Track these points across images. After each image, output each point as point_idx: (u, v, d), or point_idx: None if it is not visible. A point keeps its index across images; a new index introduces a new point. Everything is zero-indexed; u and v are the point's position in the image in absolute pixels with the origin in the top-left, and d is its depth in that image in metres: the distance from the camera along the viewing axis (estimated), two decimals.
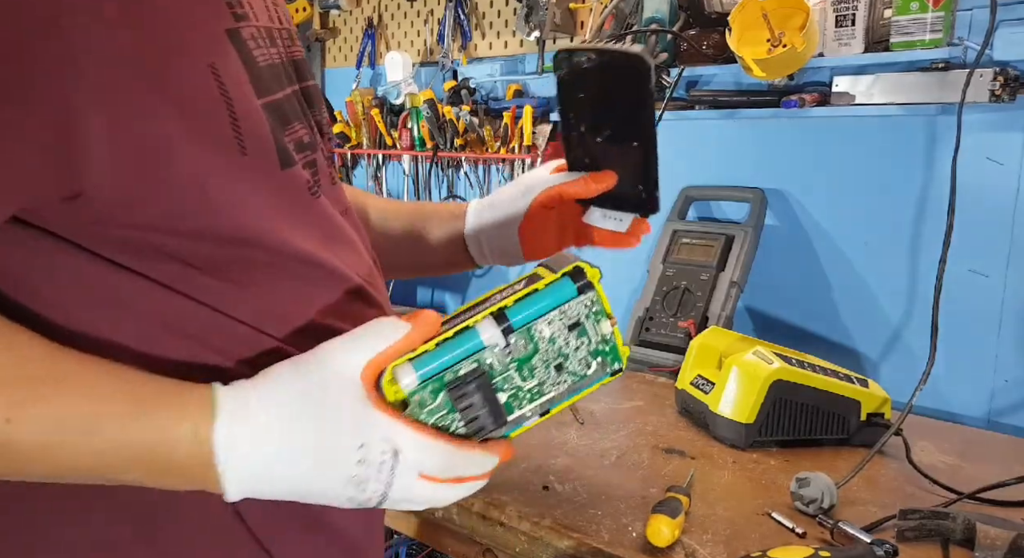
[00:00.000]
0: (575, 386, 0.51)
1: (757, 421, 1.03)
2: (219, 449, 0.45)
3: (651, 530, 0.79)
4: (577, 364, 0.50)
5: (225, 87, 0.46)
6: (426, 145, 1.79)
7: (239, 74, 0.48)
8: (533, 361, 0.49)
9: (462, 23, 1.77)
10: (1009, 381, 1.20)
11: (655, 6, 1.30)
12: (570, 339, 0.50)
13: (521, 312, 0.48)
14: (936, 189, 1.23)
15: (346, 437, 0.46)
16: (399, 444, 0.46)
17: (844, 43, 1.18)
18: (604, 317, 0.50)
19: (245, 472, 0.46)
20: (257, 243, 0.49)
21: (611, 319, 0.51)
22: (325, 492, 0.47)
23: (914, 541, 0.81)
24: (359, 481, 0.46)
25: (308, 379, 0.46)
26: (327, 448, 0.46)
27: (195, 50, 0.45)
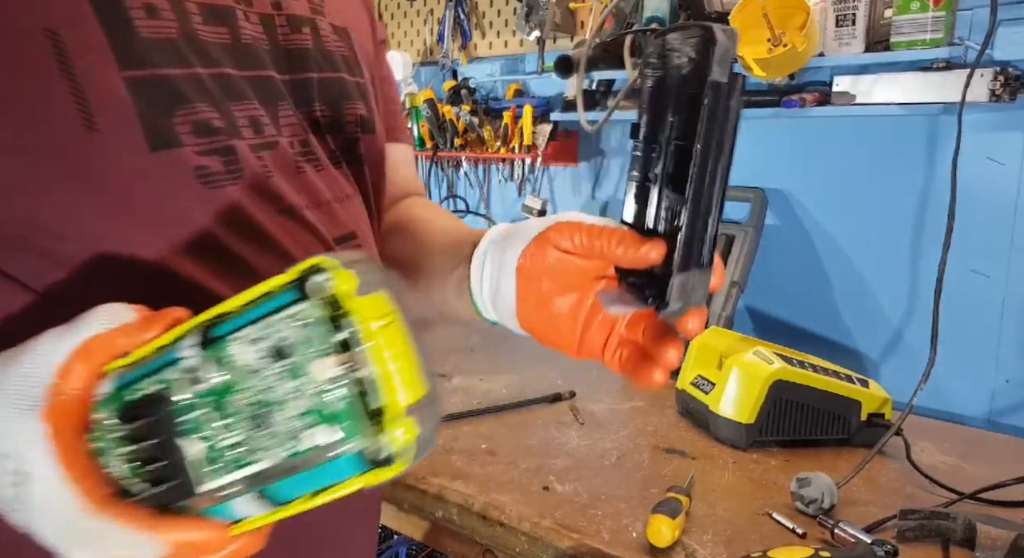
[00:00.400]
0: (297, 463, 0.32)
1: (757, 421, 1.03)
2: None
3: (651, 530, 0.79)
4: (293, 422, 0.32)
5: (67, 56, 0.42)
6: (426, 145, 1.79)
7: (96, 42, 0.43)
8: (231, 400, 0.32)
9: (462, 23, 1.77)
10: (1010, 381, 1.20)
11: (655, 5, 1.30)
12: (281, 376, 0.32)
13: (233, 321, 0.33)
14: (937, 189, 1.23)
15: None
16: (33, 470, 0.34)
17: (845, 43, 1.17)
18: (328, 351, 0.31)
19: None
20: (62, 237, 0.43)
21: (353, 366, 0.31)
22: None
23: (914, 541, 0.81)
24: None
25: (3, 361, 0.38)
26: None
27: (28, 17, 0.42)
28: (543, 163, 1.62)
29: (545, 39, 1.53)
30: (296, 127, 0.54)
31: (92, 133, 0.43)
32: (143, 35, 0.45)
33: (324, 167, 0.56)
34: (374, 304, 0.30)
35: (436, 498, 0.94)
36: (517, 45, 1.71)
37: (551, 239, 0.51)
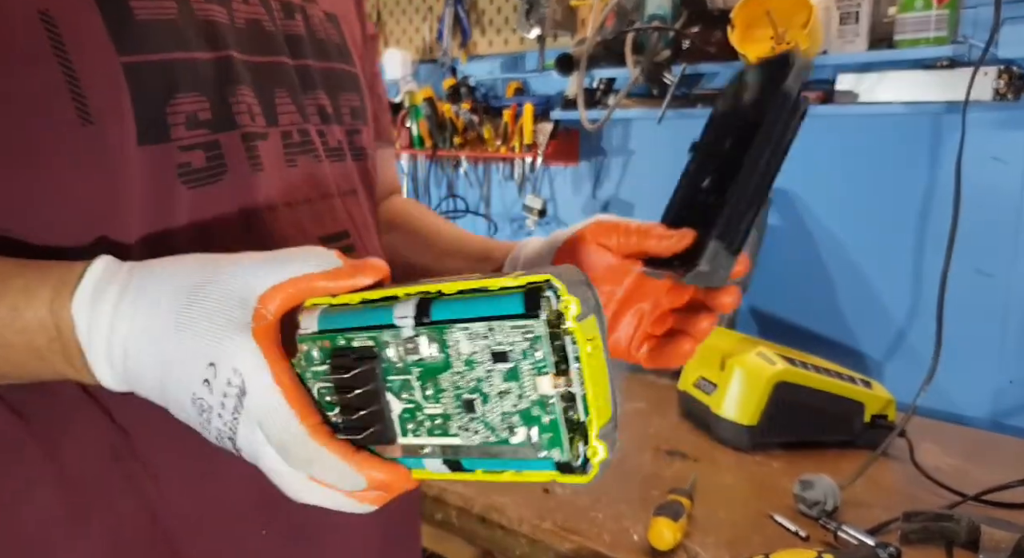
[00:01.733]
0: (491, 450, 0.35)
1: (760, 423, 1.02)
2: (78, 329, 0.37)
3: (653, 533, 0.79)
4: (497, 417, 0.34)
5: (62, 40, 0.40)
6: (425, 143, 1.78)
7: (92, 26, 0.41)
8: (440, 378, 0.35)
9: (462, 20, 1.76)
10: (1014, 382, 1.19)
11: (657, 3, 1.29)
12: (494, 373, 0.34)
13: (451, 307, 0.34)
14: (940, 188, 1.22)
15: (202, 345, 0.36)
16: (248, 383, 0.35)
17: (848, 41, 1.17)
18: (548, 369, 0.32)
19: (105, 361, 0.38)
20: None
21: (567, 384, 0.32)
22: (180, 403, 0.37)
23: (918, 544, 0.81)
24: (202, 408, 0.37)
25: (201, 274, 0.37)
26: (183, 348, 0.36)
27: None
28: (543, 162, 1.62)
29: (546, 37, 1.52)
30: (294, 115, 0.51)
31: (85, 124, 0.41)
32: (140, 17, 0.42)
33: (322, 159, 0.53)
34: (587, 328, 0.33)
35: (436, 500, 0.93)
36: (517, 43, 1.71)
37: (590, 235, 0.54)
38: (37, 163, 0.41)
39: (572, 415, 0.33)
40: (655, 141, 1.53)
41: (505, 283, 0.33)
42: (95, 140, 0.41)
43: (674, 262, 0.50)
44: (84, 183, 0.42)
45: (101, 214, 0.42)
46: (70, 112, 0.40)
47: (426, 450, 0.36)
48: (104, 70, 0.41)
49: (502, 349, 0.33)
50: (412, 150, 1.82)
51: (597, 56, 1.38)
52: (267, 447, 0.36)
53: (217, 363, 0.36)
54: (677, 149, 1.59)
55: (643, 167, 1.57)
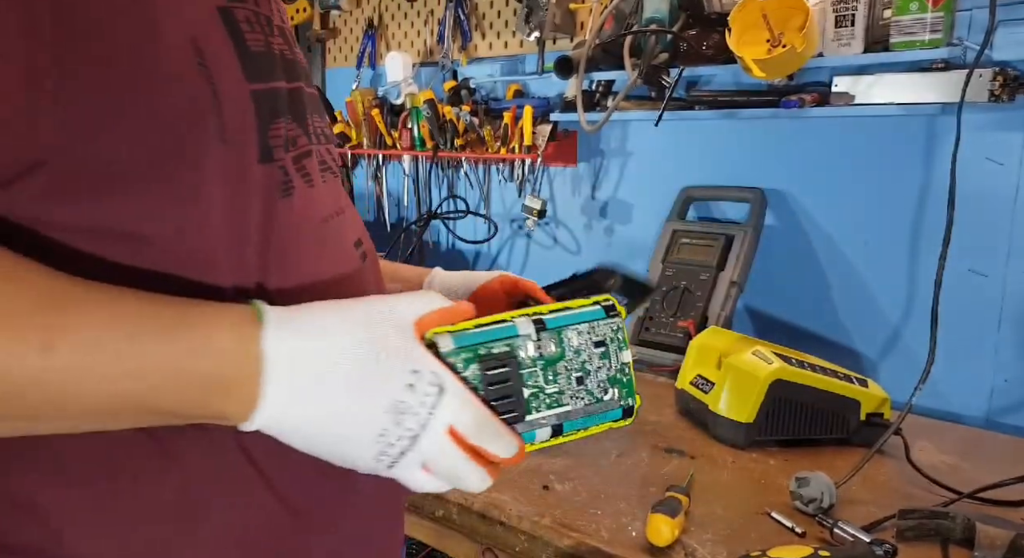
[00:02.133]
0: (590, 409, 0.52)
1: (757, 421, 1.03)
2: (267, 355, 0.42)
3: (651, 529, 0.79)
4: (596, 384, 0.52)
5: (207, 66, 0.44)
6: (426, 145, 1.79)
7: (227, 56, 0.45)
8: (558, 366, 0.51)
9: (462, 23, 1.77)
10: (1008, 380, 1.20)
11: (655, 6, 1.30)
12: (594, 356, 0.52)
13: (555, 319, 0.51)
14: (935, 189, 1.23)
15: (399, 361, 0.44)
16: (445, 384, 0.45)
17: (844, 43, 1.18)
18: (626, 347, 0.54)
19: (287, 386, 0.42)
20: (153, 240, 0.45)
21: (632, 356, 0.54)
22: (366, 416, 0.44)
23: (913, 541, 0.81)
24: (401, 410, 0.44)
25: (357, 309, 0.45)
26: (377, 369, 0.44)
27: (174, 23, 0.43)
28: (543, 163, 1.62)
29: (545, 40, 1.53)
30: (314, 136, 0.55)
31: (221, 142, 0.45)
32: (253, 49, 0.48)
33: (336, 175, 0.59)
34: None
35: (436, 497, 0.94)
36: (517, 46, 1.72)
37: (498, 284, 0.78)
38: (176, 174, 0.44)
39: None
40: (653, 143, 1.54)
41: (583, 303, 0.53)
42: (228, 157, 0.45)
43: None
44: (216, 195, 0.45)
45: (227, 225, 0.46)
46: (212, 130, 0.44)
47: (542, 422, 0.50)
48: (238, 95, 0.46)
49: (600, 338, 0.53)
50: (414, 151, 1.83)
51: (596, 59, 1.39)
52: (447, 438, 0.46)
53: (420, 369, 0.45)
54: (675, 151, 1.61)
55: (641, 168, 1.58)
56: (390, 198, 1.99)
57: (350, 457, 0.45)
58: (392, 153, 1.89)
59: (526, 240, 1.80)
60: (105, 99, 0.41)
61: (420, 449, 0.45)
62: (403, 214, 1.99)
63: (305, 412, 0.43)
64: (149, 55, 0.42)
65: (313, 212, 0.53)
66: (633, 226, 1.60)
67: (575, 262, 1.71)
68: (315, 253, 0.52)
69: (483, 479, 0.48)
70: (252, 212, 0.47)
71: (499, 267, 1.85)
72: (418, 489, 0.48)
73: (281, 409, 0.43)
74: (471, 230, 1.86)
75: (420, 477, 0.47)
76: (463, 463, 0.47)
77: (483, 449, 0.47)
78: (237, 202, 0.47)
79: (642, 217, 1.58)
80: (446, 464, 0.46)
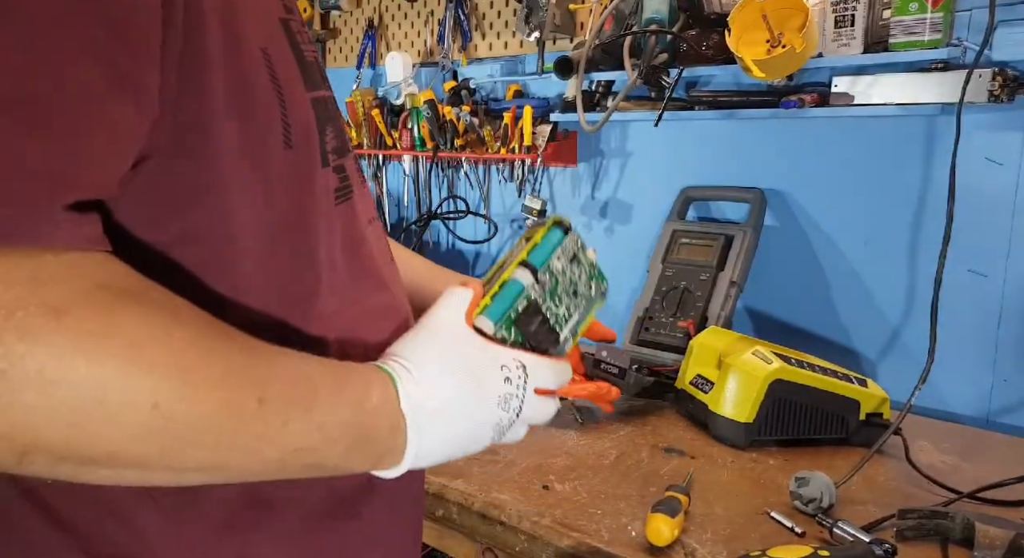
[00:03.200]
0: (586, 308, 0.65)
1: (756, 420, 1.03)
2: (407, 410, 0.48)
3: (651, 529, 0.79)
4: (584, 287, 0.64)
5: (276, 75, 0.46)
6: (426, 145, 1.79)
7: (290, 65, 0.48)
8: (558, 291, 0.61)
9: (462, 24, 1.77)
10: (1008, 381, 1.20)
11: (655, 7, 1.30)
12: (574, 269, 0.63)
13: (536, 258, 0.60)
14: (935, 189, 1.23)
15: (490, 367, 0.53)
16: (522, 359, 0.55)
17: (843, 43, 1.18)
18: (588, 248, 0.65)
19: (427, 429, 0.49)
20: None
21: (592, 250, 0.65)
22: (484, 423, 0.53)
23: (913, 540, 0.81)
24: (507, 398, 0.53)
25: (439, 337, 0.53)
26: (481, 379, 0.52)
27: (251, 33, 0.45)
28: (543, 164, 1.63)
29: (545, 40, 1.53)
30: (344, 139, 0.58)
31: (287, 147, 0.47)
32: (307, 58, 0.50)
33: (365, 181, 0.62)
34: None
35: (436, 497, 0.94)
36: (517, 46, 1.72)
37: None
38: (248, 176, 0.46)
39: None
40: (653, 143, 1.54)
41: (541, 233, 0.62)
42: (293, 163, 0.48)
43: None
44: (284, 198, 0.48)
45: (294, 227, 0.49)
46: (280, 136, 0.47)
47: (566, 337, 0.62)
48: (300, 102, 0.48)
49: (572, 253, 0.63)
50: (414, 152, 1.83)
51: (595, 59, 1.39)
52: (534, 395, 0.56)
53: (504, 362, 0.54)
54: (675, 151, 1.61)
55: (641, 168, 1.58)
56: (390, 198, 1.99)
57: (474, 452, 0.54)
58: (392, 153, 1.89)
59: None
60: (203, 108, 0.43)
61: (522, 417, 0.55)
62: (403, 214, 1.99)
63: (442, 446, 0.51)
64: (238, 65, 0.44)
65: (363, 214, 0.58)
66: (633, 226, 1.60)
67: None
68: (367, 253, 0.58)
69: (556, 405, 0.59)
70: (320, 216, 0.51)
71: None
72: (513, 441, 0.58)
73: (423, 450, 0.50)
74: (471, 230, 1.86)
75: (520, 432, 0.57)
76: (545, 406, 0.57)
77: (559, 386, 0.58)
78: (306, 205, 0.50)
79: (642, 217, 1.58)
80: (536, 414, 0.57)
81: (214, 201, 0.45)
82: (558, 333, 0.61)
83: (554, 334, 0.61)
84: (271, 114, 0.46)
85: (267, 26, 0.47)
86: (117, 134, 0.38)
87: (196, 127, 0.43)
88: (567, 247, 0.62)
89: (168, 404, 0.38)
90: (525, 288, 0.58)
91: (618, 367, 1.15)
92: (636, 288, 1.54)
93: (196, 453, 0.40)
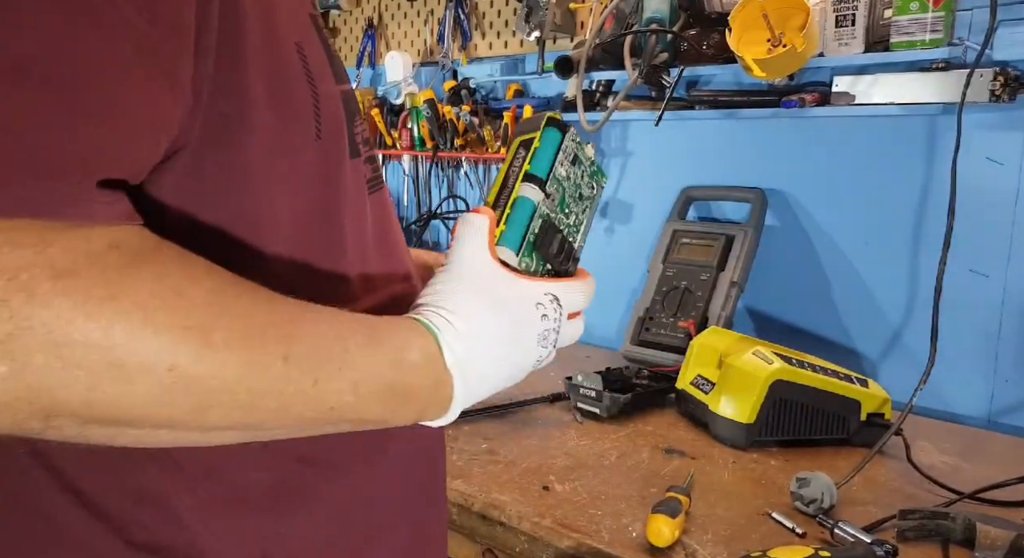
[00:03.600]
0: (591, 207, 0.63)
1: (757, 421, 1.03)
2: (453, 365, 0.48)
3: (651, 530, 0.79)
4: (587, 189, 0.62)
5: (309, 68, 0.47)
6: (426, 145, 1.79)
7: (321, 58, 0.49)
8: (566, 200, 0.60)
9: (462, 23, 1.77)
10: (1009, 381, 1.20)
11: (655, 6, 1.30)
12: (575, 171, 0.61)
13: (540, 168, 0.58)
14: (936, 189, 1.23)
15: (527, 305, 0.53)
16: (554, 292, 0.54)
17: (844, 43, 1.17)
18: (585, 144, 0.62)
19: (473, 380, 0.50)
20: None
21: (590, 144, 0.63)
22: (527, 358, 0.53)
23: (914, 541, 0.81)
24: (545, 334, 0.54)
25: (470, 280, 0.52)
26: (520, 320, 0.52)
27: (286, 27, 0.46)
28: None
29: (545, 40, 1.53)
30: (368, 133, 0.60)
31: (318, 139, 0.48)
32: (332, 51, 0.52)
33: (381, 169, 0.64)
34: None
35: None
36: (517, 45, 1.71)
37: None
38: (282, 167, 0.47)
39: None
40: (653, 142, 1.54)
41: (539, 136, 0.58)
42: (324, 153, 0.49)
43: None
44: (315, 189, 0.49)
45: (324, 217, 0.50)
46: (312, 127, 0.47)
47: (581, 246, 0.62)
48: (330, 95, 0.49)
49: (572, 154, 0.60)
50: (414, 151, 1.83)
51: (596, 59, 1.39)
52: (567, 320, 0.55)
53: (539, 300, 0.53)
54: (675, 151, 1.61)
55: (641, 168, 1.58)
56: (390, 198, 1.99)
57: (515, 382, 0.55)
58: (392, 153, 1.89)
59: None
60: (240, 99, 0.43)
61: (558, 344, 0.56)
62: (403, 214, 1.99)
63: (487, 389, 0.52)
64: (275, 58, 0.45)
65: (387, 205, 0.59)
66: (633, 226, 1.60)
67: None
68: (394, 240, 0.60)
69: (583, 325, 0.59)
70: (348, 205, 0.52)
71: None
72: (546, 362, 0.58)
73: (469, 398, 0.50)
74: None
75: (551, 357, 0.56)
76: (575, 328, 0.57)
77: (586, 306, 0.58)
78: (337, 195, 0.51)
79: (642, 217, 1.58)
80: (568, 338, 0.57)
81: (249, 192, 0.45)
82: (574, 247, 0.60)
83: (572, 249, 0.60)
84: (304, 107, 0.47)
85: (299, 20, 0.48)
86: (152, 117, 0.38)
87: (232, 118, 0.43)
88: (568, 149, 0.59)
89: (187, 366, 0.37)
90: (537, 205, 0.56)
91: (594, 390, 1.15)
92: (636, 288, 1.53)
93: (226, 413, 0.40)
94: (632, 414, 1.17)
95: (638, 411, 1.18)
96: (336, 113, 0.50)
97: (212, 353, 0.38)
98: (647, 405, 1.20)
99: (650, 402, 1.21)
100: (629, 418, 1.16)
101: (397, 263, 0.59)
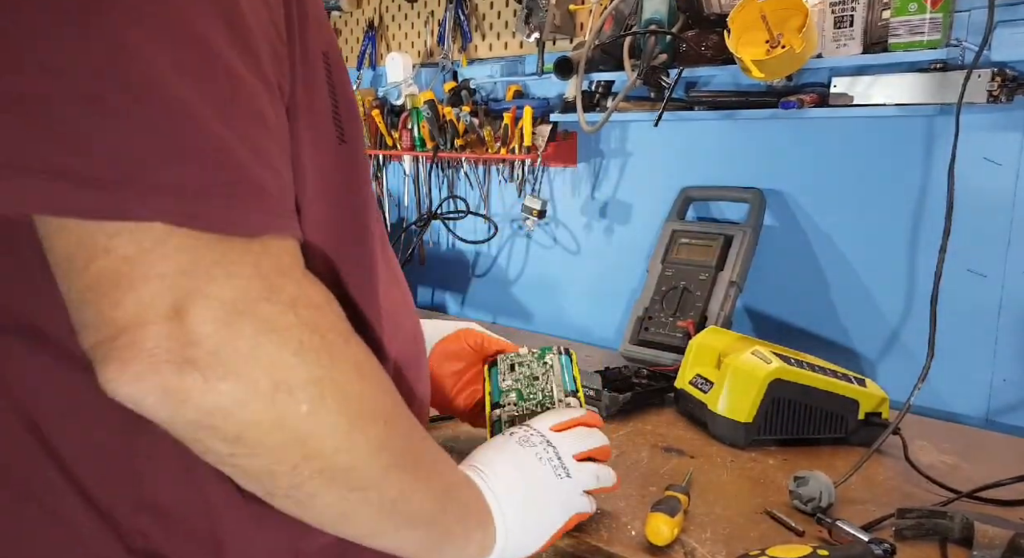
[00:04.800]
0: (552, 372, 0.89)
1: (756, 420, 1.03)
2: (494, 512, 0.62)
3: (650, 529, 0.80)
4: (539, 370, 0.88)
5: (332, 77, 0.51)
6: (426, 145, 1.79)
7: (343, 68, 0.53)
8: (523, 392, 0.86)
9: (462, 24, 1.77)
10: (1007, 380, 1.20)
11: (654, 7, 1.30)
12: (519, 372, 0.88)
13: (493, 392, 0.88)
14: (934, 189, 1.24)
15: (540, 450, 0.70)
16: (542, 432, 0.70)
17: (842, 44, 1.18)
18: (520, 347, 0.91)
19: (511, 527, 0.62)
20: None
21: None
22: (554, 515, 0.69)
23: (912, 540, 0.82)
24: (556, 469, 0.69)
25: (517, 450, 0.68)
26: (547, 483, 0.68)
27: (314, 41, 0.49)
28: (543, 164, 1.63)
29: (545, 41, 1.54)
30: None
31: (341, 143, 0.52)
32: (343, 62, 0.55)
33: None
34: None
35: None
36: (517, 47, 1.72)
37: (463, 335, 0.91)
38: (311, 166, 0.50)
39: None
40: (652, 143, 1.55)
41: (487, 374, 0.89)
42: (348, 156, 0.53)
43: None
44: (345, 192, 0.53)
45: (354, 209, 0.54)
46: (334, 132, 0.52)
47: (557, 398, 0.84)
48: (350, 101, 0.54)
49: (509, 364, 0.90)
50: (414, 152, 1.83)
51: (595, 60, 1.39)
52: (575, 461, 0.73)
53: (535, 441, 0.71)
54: (674, 151, 1.61)
55: (640, 168, 1.58)
56: (390, 198, 1.99)
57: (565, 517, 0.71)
58: (392, 153, 1.89)
59: (526, 240, 1.80)
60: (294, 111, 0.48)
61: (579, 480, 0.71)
62: (403, 214, 1.99)
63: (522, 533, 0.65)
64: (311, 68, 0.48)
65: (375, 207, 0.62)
66: (632, 226, 1.60)
67: (575, 262, 1.71)
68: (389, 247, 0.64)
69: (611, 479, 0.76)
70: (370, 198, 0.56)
71: (499, 267, 1.86)
72: (591, 510, 0.74)
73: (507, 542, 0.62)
74: (471, 230, 1.87)
75: (584, 502, 0.72)
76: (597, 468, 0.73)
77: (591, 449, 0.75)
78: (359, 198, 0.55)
79: (641, 217, 1.59)
80: (588, 475, 0.72)
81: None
82: (553, 403, 0.82)
83: (552, 404, 0.82)
84: (326, 112, 0.51)
85: (327, 29, 0.52)
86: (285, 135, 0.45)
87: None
88: (501, 369, 0.86)
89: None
90: (500, 418, 0.82)
91: (593, 389, 1.16)
92: (636, 288, 1.54)
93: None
94: (631, 413, 1.18)
95: (637, 410, 1.19)
96: (355, 118, 0.54)
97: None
98: (646, 404, 1.21)
99: (649, 401, 1.21)
100: (628, 417, 1.17)
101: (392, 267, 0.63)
